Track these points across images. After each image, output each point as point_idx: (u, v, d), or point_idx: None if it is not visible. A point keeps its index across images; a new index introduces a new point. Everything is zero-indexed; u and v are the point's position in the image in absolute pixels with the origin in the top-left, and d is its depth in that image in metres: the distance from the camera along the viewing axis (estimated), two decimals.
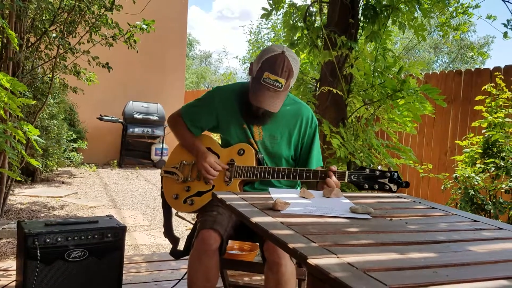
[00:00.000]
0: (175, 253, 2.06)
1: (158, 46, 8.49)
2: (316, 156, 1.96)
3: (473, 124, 3.16)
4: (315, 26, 3.39)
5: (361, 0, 3.25)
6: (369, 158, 2.94)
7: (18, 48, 3.42)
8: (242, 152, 1.91)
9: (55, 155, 5.93)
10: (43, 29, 3.86)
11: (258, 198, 1.42)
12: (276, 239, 0.99)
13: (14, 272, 2.19)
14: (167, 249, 2.21)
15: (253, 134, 1.92)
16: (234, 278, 2.52)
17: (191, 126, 2.01)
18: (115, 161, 8.26)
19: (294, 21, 3.41)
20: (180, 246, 2.02)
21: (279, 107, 1.81)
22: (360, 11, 3.25)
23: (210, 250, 1.67)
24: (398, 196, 1.64)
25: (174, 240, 2.10)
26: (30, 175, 5.90)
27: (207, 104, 1.99)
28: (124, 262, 2.21)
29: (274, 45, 1.86)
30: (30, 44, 3.90)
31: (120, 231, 2.14)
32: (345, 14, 3.18)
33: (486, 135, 2.91)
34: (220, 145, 2.00)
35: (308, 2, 3.55)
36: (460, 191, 2.90)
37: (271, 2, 3.39)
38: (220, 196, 1.40)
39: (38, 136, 2.63)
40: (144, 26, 4.04)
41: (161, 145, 8.32)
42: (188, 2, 9.49)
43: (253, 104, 1.80)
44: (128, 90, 8.56)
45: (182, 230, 4.08)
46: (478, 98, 3.30)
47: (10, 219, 4.06)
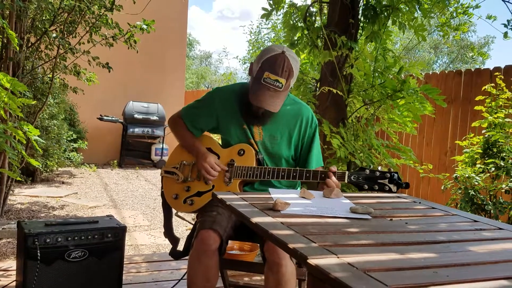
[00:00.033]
0: (175, 253, 2.06)
1: (158, 46, 8.50)
2: (316, 156, 1.96)
3: (473, 124, 3.16)
4: (315, 26, 3.39)
5: (361, 0, 3.25)
6: (369, 158, 2.94)
7: (18, 48, 3.42)
8: (242, 152, 1.91)
9: (55, 155, 5.94)
10: (43, 29, 3.86)
11: (258, 198, 1.42)
12: (276, 239, 0.99)
13: (14, 272, 2.19)
14: (167, 249, 2.21)
15: (253, 134, 1.92)
16: (234, 278, 2.52)
17: (191, 127, 2.01)
18: (115, 161, 8.26)
19: (294, 21, 3.41)
20: (180, 247, 2.02)
21: (279, 107, 1.81)
22: (360, 11, 3.25)
23: (210, 251, 1.67)
24: (398, 196, 1.64)
25: (174, 240, 2.10)
26: (30, 175, 5.90)
27: (207, 105, 1.99)
28: (124, 262, 2.21)
29: (274, 45, 1.86)
30: (30, 44, 3.90)
31: (120, 231, 2.15)
32: (345, 14, 3.18)
33: (486, 135, 2.91)
34: (221, 145, 2.00)
35: (308, 2, 3.55)
36: (460, 191, 2.90)
37: (271, 2, 3.39)
38: (220, 196, 1.40)
39: (38, 136, 2.63)
40: (144, 26, 4.04)
41: (161, 145, 8.32)
42: (188, 2, 9.50)
43: (253, 104, 1.80)
44: (128, 90, 8.56)
45: (182, 230, 4.08)
46: (478, 98, 3.30)
47: (10, 219, 4.06)
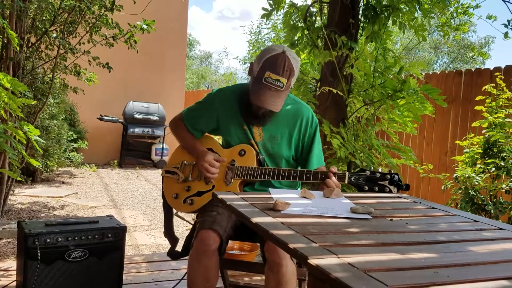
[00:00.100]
0: (173, 253, 2.06)
1: (158, 46, 8.50)
2: (317, 155, 1.95)
3: (473, 124, 3.16)
4: (316, 26, 3.39)
5: (361, 0, 3.25)
6: (369, 158, 2.94)
7: (18, 48, 3.43)
8: (243, 153, 1.91)
9: (56, 155, 5.94)
10: (43, 29, 3.86)
11: (259, 198, 1.42)
12: (276, 239, 0.99)
13: (15, 272, 2.19)
14: (168, 249, 2.21)
15: (253, 135, 1.92)
16: (234, 278, 2.52)
17: (192, 129, 2.02)
18: (116, 161, 8.26)
19: (295, 21, 3.41)
20: (179, 247, 2.02)
21: (280, 106, 1.81)
22: (360, 11, 3.25)
23: (209, 251, 1.67)
24: (398, 197, 1.64)
25: (173, 240, 2.10)
26: (31, 175, 5.90)
27: (207, 106, 2.00)
28: (125, 262, 2.21)
29: (275, 45, 1.86)
30: (30, 44, 3.90)
31: (120, 231, 2.15)
32: (345, 14, 3.18)
33: (487, 135, 2.91)
34: (221, 145, 2.00)
35: (309, 2, 3.55)
36: (460, 192, 2.90)
37: (271, 2, 3.39)
38: (220, 196, 1.40)
39: (39, 136, 2.63)
40: (145, 26, 4.04)
41: (161, 145, 8.32)
42: (188, 2, 9.51)
43: (254, 104, 1.80)
44: (128, 90, 8.57)
45: (182, 230, 4.08)
46: (478, 98, 3.30)
47: (11, 219, 4.06)
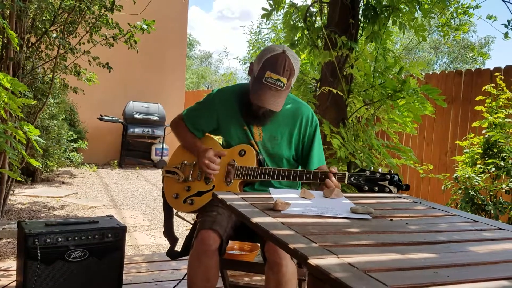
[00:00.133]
0: (172, 253, 2.06)
1: (158, 46, 8.50)
2: (317, 155, 1.95)
3: (473, 124, 3.16)
4: (316, 26, 3.39)
5: (361, 1, 3.25)
6: (369, 159, 2.94)
7: (18, 48, 3.42)
8: (243, 153, 1.91)
9: (56, 155, 5.94)
10: (43, 29, 3.86)
11: (259, 198, 1.42)
12: (276, 239, 0.99)
13: (15, 272, 2.19)
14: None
15: (253, 135, 1.92)
16: (234, 278, 2.53)
17: (193, 129, 2.02)
18: (116, 161, 8.26)
19: (295, 21, 3.42)
20: (179, 247, 2.02)
21: (281, 106, 1.81)
22: (360, 12, 3.25)
23: (210, 251, 1.67)
24: (398, 197, 1.64)
25: (173, 240, 2.10)
26: (31, 175, 5.90)
27: (207, 107, 2.00)
28: (125, 262, 2.21)
29: (275, 44, 1.86)
30: (30, 44, 3.90)
31: (120, 231, 2.15)
32: (345, 15, 3.18)
33: (487, 136, 2.91)
34: (222, 145, 2.00)
35: (309, 2, 3.55)
36: (460, 192, 2.90)
37: (271, 2, 3.39)
38: (220, 196, 1.40)
39: (39, 136, 2.63)
40: (145, 26, 4.04)
41: (161, 145, 8.32)
42: (188, 2, 9.50)
43: (254, 103, 1.80)
44: (128, 90, 8.57)
45: (182, 230, 4.08)
46: (478, 98, 3.30)
47: (11, 219, 4.06)
